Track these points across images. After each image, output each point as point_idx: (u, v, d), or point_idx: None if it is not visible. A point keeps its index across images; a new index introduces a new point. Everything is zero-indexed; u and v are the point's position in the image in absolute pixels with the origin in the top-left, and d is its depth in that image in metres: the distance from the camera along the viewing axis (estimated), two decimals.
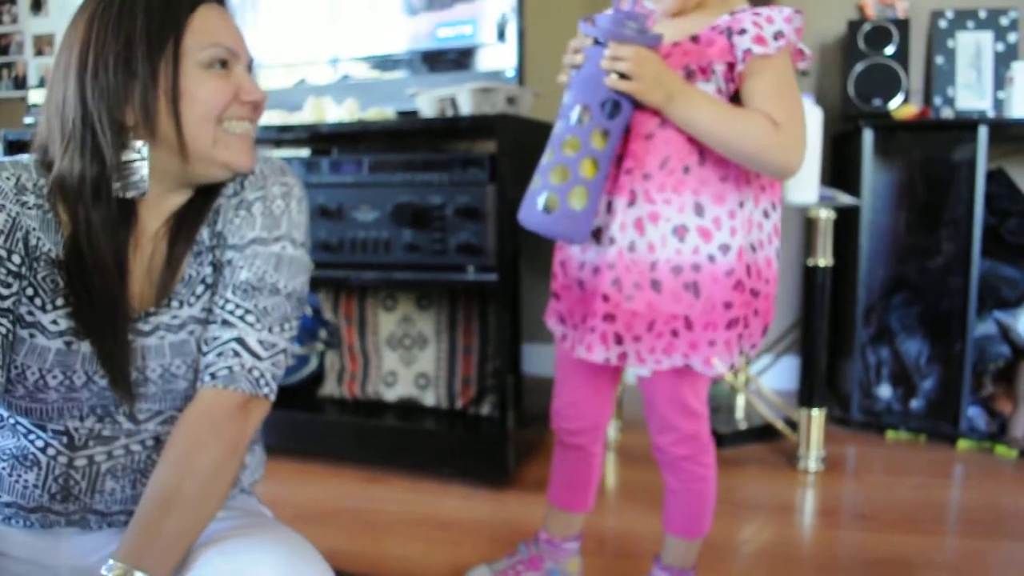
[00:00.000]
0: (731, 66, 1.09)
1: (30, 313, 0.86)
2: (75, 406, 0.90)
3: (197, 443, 0.86)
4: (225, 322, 0.91)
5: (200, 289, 0.94)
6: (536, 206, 1.10)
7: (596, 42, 1.08)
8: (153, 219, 0.93)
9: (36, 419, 0.91)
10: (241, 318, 0.91)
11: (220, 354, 0.90)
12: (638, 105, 1.09)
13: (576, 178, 1.08)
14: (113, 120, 0.85)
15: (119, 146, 0.86)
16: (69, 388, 0.88)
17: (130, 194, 0.88)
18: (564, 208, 1.08)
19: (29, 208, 0.86)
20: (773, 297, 1.20)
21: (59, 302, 0.86)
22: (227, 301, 0.92)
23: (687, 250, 1.11)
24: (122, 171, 0.87)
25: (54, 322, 0.86)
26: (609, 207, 1.14)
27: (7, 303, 0.83)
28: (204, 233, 0.95)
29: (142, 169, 0.87)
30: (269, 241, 0.94)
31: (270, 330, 0.92)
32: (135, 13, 0.85)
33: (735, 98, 1.11)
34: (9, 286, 0.83)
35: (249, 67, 0.95)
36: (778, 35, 1.07)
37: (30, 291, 0.86)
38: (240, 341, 0.90)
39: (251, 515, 1.02)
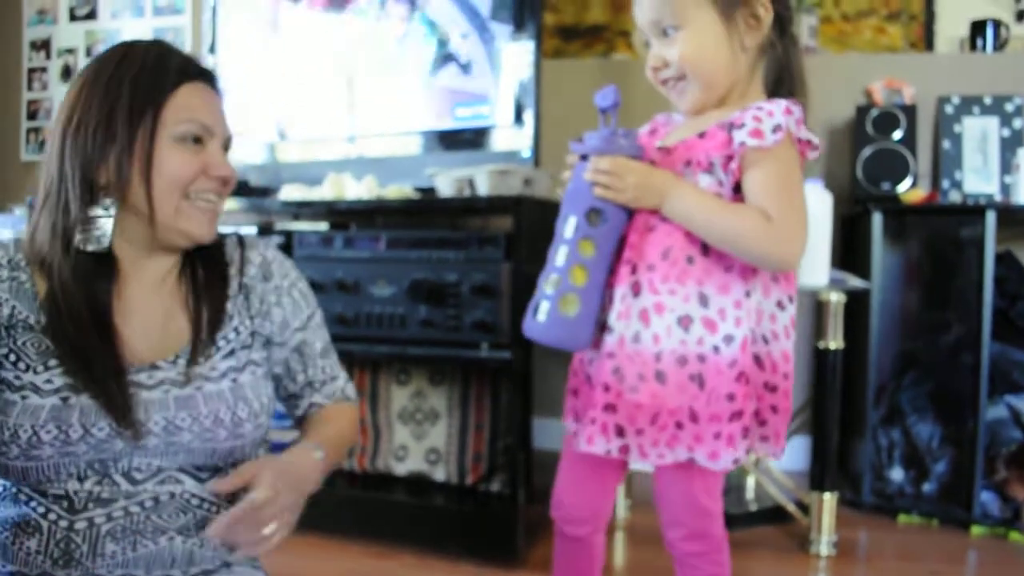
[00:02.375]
0: (730, 158, 1.09)
1: (17, 377, 0.92)
2: (71, 462, 0.92)
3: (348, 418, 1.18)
4: (333, 377, 1.18)
5: (211, 351, 1.00)
6: (532, 315, 1.14)
7: (583, 158, 1.14)
8: (139, 279, 1.00)
9: (34, 482, 0.93)
10: (336, 370, 1.19)
11: (343, 390, 1.19)
12: (631, 211, 1.12)
13: (566, 286, 1.10)
14: (85, 177, 0.94)
15: (87, 201, 0.94)
16: (64, 442, 0.90)
17: (90, 247, 0.95)
18: (555, 315, 1.11)
19: (1, 281, 0.95)
20: (791, 393, 1.16)
21: (51, 362, 0.92)
22: (323, 366, 1.16)
23: (692, 340, 1.09)
24: (85, 224, 0.95)
25: (48, 381, 0.92)
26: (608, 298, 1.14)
27: None
28: (227, 306, 1.04)
29: (106, 225, 0.96)
30: (312, 315, 1.16)
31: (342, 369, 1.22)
32: (122, 84, 0.94)
33: (738, 190, 1.11)
34: None
35: (226, 145, 1.04)
36: (776, 128, 1.06)
37: (12, 357, 0.93)
38: (347, 380, 1.21)
39: None
